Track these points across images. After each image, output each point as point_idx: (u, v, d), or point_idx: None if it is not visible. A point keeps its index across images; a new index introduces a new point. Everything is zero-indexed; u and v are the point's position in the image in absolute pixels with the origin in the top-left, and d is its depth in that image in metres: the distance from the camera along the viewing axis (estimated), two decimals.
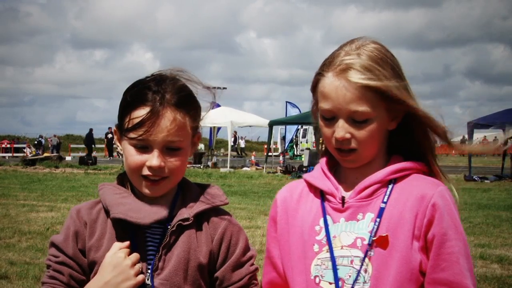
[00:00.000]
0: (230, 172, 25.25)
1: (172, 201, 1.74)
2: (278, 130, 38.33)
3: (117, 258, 1.61)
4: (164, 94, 1.64)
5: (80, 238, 1.71)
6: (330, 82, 1.62)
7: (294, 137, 38.96)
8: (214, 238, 1.71)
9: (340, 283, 1.61)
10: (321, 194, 1.72)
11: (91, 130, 39.41)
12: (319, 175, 1.75)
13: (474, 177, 21.80)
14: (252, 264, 1.75)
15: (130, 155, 1.65)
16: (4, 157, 42.08)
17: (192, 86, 1.74)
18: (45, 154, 34.67)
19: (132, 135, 1.63)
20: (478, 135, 23.75)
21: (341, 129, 1.62)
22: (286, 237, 1.75)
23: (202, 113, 1.77)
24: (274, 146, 39.16)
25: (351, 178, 1.70)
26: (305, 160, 30.53)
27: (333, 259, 1.64)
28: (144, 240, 1.68)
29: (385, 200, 1.63)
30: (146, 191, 1.67)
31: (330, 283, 1.63)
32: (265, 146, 37.23)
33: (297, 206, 1.76)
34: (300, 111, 30.74)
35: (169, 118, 1.62)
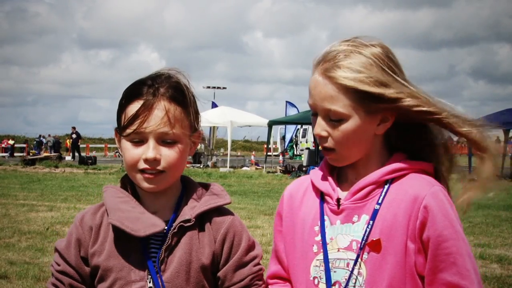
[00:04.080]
0: (229, 172, 25.25)
1: (177, 202, 1.73)
2: (277, 130, 38.36)
3: None
4: (158, 87, 1.65)
5: (82, 246, 1.70)
6: (313, 77, 1.62)
7: (293, 136, 38.96)
8: (216, 238, 1.70)
9: (336, 286, 1.60)
10: (321, 194, 1.71)
11: (77, 133, 39.10)
12: (321, 174, 1.74)
13: (474, 177, 21.73)
14: (257, 265, 1.72)
15: (127, 150, 1.65)
16: (3, 156, 42.06)
17: (188, 84, 1.74)
18: (45, 154, 34.65)
19: (128, 130, 1.63)
20: None
21: (318, 126, 1.62)
22: (292, 233, 1.74)
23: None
24: (273, 146, 39.18)
25: (350, 178, 1.69)
26: (304, 159, 30.55)
27: (326, 261, 1.62)
28: (147, 242, 1.66)
29: (379, 201, 1.60)
30: (145, 185, 1.66)
31: (327, 286, 1.61)
32: (265, 146, 37.25)
33: (300, 204, 1.75)
34: (298, 110, 30.71)
35: (162, 109, 1.62)
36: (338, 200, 1.65)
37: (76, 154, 36.44)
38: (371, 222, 1.58)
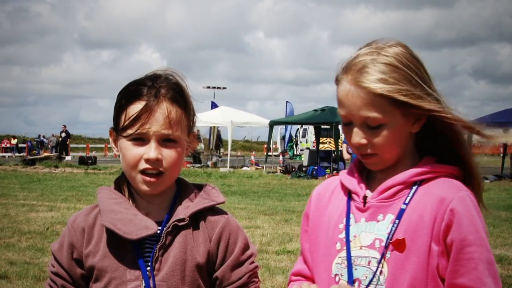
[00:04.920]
0: (229, 172, 25.25)
1: (171, 203, 1.73)
2: (278, 130, 38.37)
3: None
4: (159, 88, 1.65)
5: (75, 248, 1.71)
6: (343, 87, 1.60)
7: (293, 136, 38.99)
8: (212, 237, 1.70)
9: (356, 283, 1.60)
10: (349, 193, 1.71)
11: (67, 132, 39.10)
12: (349, 173, 1.75)
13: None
14: (252, 262, 1.74)
15: (128, 149, 1.65)
16: (3, 156, 42.09)
17: (186, 86, 1.75)
18: (45, 154, 34.66)
19: (129, 131, 1.63)
20: None
21: (356, 135, 1.60)
22: (317, 232, 1.75)
23: (197, 114, 1.77)
24: (273, 146, 39.18)
25: (379, 178, 1.68)
26: (304, 159, 30.54)
27: (349, 259, 1.63)
28: (141, 242, 1.67)
29: (406, 201, 1.60)
30: (144, 187, 1.66)
31: (348, 283, 1.61)
32: (265, 146, 37.25)
33: (327, 203, 1.76)
34: (293, 110, 30.69)
35: (164, 111, 1.63)
36: (365, 198, 1.66)
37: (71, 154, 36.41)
38: (396, 221, 1.58)
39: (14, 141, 48.67)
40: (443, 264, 1.55)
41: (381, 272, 1.58)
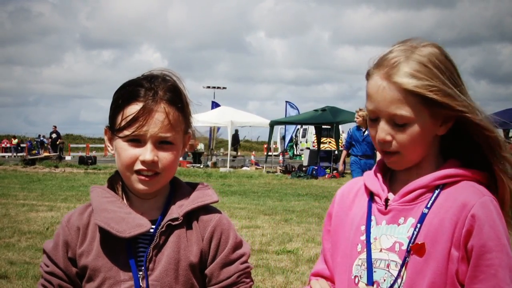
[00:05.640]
0: (229, 172, 25.25)
1: (165, 203, 1.73)
2: (278, 130, 38.37)
3: None
4: (157, 90, 1.65)
5: (70, 247, 1.70)
6: (374, 82, 1.59)
7: (293, 136, 38.99)
8: (204, 236, 1.70)
9: (374, 285, 1.60)
10: (371, 194, 1.70)
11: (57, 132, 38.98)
12: (373, 175, 1.73)
13: None
14: (244, 262, 1.72)
15: (124, 150, 1.65)
16: (3, 156, 42.09)
17: (183, 87, 1.75)
18: (45, 154, 34.66)
19: (126, 132, 1.63)
20: None
21: (381, 130, 1.59)
22: (339, 233, 1.74)
23: (192, 115, 1.77)
24: (273, 146, 39.18)
25: (402, 180, 1.67)
26: (304, 159, 30.59)
27: (369, 261, 1.62)
28: (135, 241, 1.67)
29: (428, 205, 1.58)
30: (139, 186, 1.66)
31: (367, 285, 1.61)
32: (265, 146, 37.26)
33: (352, 204, 1.75)
34: (299, 112, 30.70)
35: (162, 113, 1.63)
36: (387, 200, 1.65)
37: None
38: (418, 225, 1.57)
39: (15, 141, 48.69)
40: (463, 269, 1.53)
41: (399, 275, 1.57)
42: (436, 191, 1.60)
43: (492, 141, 1.62)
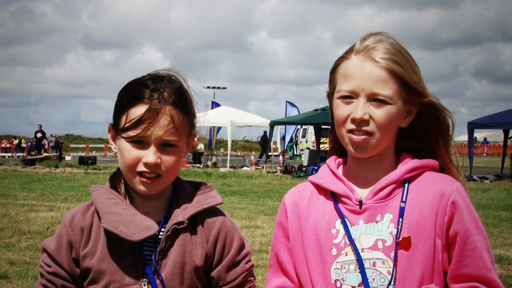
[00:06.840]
0: (229, 172, 25.24)
1: (168, 203, 1.73)
2: (278, 130, 38.35)
3: None
4: (162, 92, 1.64)
5: (74, 248, 1.69)
6: (355, 63, 1.63)
7: (293, 136, 38.97)
8: (209, 239, 1.70)
9: (362, 286, 1.60)
10: (333, 196, 1.70)
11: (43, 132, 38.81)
12: (329, 176, 1.73)
13: (474, 177, 21.78)
14: (248, 262, 1.74)
15: (127, 151, 1.64)
16: (3, 156, 42.07)
17: (188, 88, 1.74)
18: (45, 154, 34.65)
19: (130, 133, 1.62)
20: (478, 135, 23.76)
21: (361, 109, 1.60)
22: (300, 242, 1.71)
23: (197, 115, 1.76)
24: (273, 146, 39.17)
25: (360, 175, 1.69)
26: (304, 159, 30.55)
27: (360, 261, 1.61)
28: (140, 244, 1.66)
29: (404, 199, 1.61)
30: (141, 188, 1.65)
31: (353, 287, 1.61)
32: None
33: (308, 211, 1.73)
34: (299, 111, 30.67)
35: (167, 116, 1.62)
36: (360, 200, 1.65)
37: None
38: (400, 219, 1.59)
39: (15, 142, 48.67)
40: (445, 257, 1.57)
41: (389, 272, 1.58)
42: (406, 185, 1.64)
43: (451, 125, 1.71)
